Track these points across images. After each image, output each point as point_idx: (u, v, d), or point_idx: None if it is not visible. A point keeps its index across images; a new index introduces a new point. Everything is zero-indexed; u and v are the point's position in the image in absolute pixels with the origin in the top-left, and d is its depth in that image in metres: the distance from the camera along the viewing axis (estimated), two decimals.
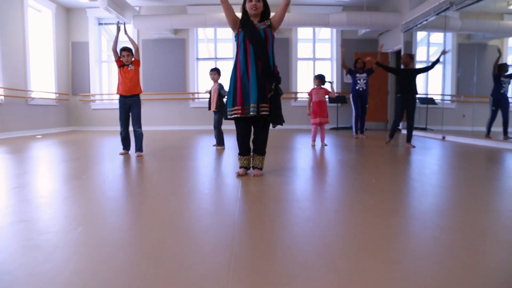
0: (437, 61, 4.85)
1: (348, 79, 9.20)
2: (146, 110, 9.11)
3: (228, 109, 2.66)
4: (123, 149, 4.02)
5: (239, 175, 2.70)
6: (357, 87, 6.43)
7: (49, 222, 1.64)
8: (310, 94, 4.95)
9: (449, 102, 7.19)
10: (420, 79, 8.01)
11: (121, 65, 3.84)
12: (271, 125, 2.74)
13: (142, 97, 4.08)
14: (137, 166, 3.27)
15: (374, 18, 7.78)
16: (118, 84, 3.87)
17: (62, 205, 1.95)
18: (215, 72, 4.64)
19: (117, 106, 3.87)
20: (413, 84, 4.87)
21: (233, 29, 2.71)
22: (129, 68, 3.82)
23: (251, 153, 2.80)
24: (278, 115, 2.66)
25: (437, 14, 6.25)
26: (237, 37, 2.69)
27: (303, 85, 9.49)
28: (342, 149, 4.61)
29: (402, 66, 5.09)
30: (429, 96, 7.79)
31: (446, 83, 7.32)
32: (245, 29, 2.62)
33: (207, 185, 2.45)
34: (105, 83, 9.49)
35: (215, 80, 4.59)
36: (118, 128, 4.05)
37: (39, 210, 1.85)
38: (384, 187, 2.41)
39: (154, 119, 9.07)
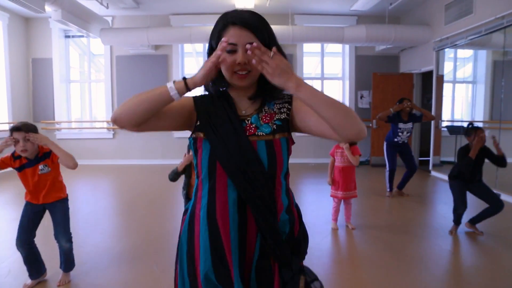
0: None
1: (364, 103, 7.76)
2: (120, 142, 7.54)
3: None
4: (30, 275, 2.29)
5: None
6: (396, 139, 4.63)
7: None
8: (332, 154, 3.45)
9: None
10: (446, 103, 6.65)
11: (18, 166, 2.18)
12: None
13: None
14: None
15: (400, 32, 6.30)
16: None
17: None
18: None
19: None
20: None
21: (182, 128, 1.13)
22: (40, 172, 2.19)
23: None
24: None
25: (490, 32, 4.79)
26: (192, 145, 1.09)
27: None
28: (381, 241, 3.12)
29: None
30: (457, 124, 6.47)
31: (478, 106, 6.00)
32: (211, 137, 1.04)
33: None
34: (74, 107, 7.92)
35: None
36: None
37: None
38: None
39: (129, 152, 7.55)
